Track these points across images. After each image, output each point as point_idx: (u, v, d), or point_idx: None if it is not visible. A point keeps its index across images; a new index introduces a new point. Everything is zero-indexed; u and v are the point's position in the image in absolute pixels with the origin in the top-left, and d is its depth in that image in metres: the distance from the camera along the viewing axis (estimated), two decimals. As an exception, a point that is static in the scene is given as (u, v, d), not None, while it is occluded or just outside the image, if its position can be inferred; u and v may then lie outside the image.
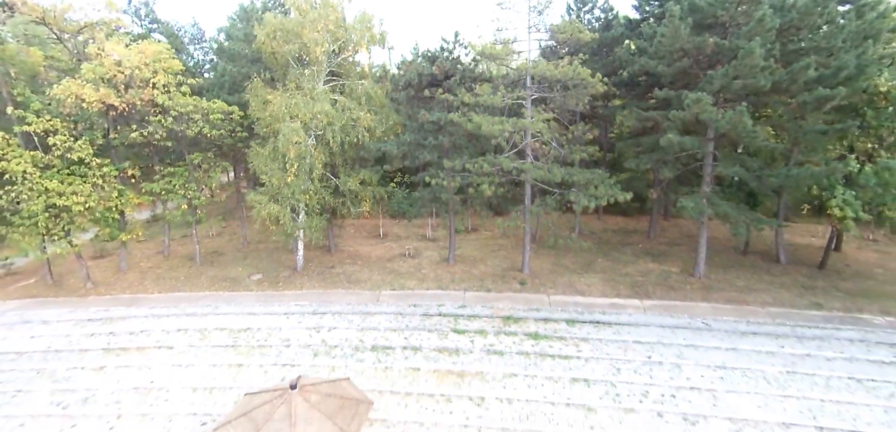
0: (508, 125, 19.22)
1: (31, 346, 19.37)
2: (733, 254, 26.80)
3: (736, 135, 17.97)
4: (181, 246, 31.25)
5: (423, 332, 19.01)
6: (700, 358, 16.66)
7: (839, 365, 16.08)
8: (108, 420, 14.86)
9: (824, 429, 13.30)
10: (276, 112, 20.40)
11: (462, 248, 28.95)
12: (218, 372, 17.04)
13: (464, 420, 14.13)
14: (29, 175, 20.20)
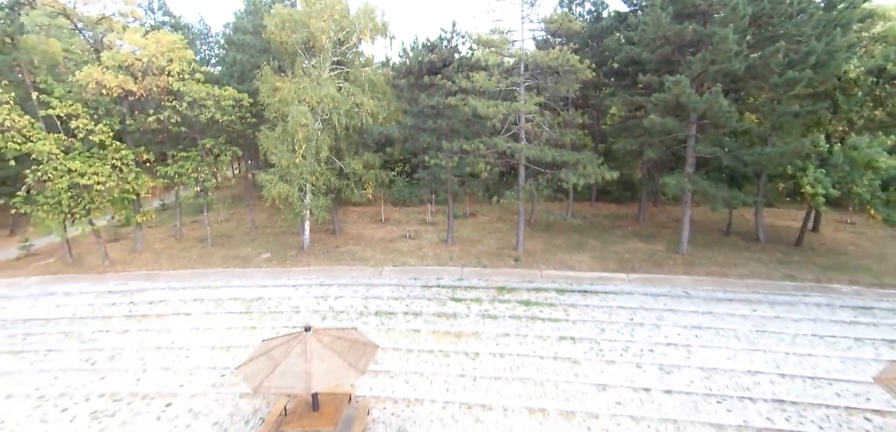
0: (502, 108, 20.66)
1: (57, 314, 20.79)
2: (717, 234, 28.24)
3: (712, 115, 19.39)
4: (191, 230, 32.63)
5: (423, 300, 20.43)
6: (678, 320, 18.10)
7: (805, 324, 17.53)
8: (135, 373, 16.28)
9: (786, 376, 14.73)
10: (285, 96, 21.81)
11: (460, 231, 30.35)
12: (233, 333, 18.46)
13: (460, 371, 15.56)
14: (54, 156, 21.57)
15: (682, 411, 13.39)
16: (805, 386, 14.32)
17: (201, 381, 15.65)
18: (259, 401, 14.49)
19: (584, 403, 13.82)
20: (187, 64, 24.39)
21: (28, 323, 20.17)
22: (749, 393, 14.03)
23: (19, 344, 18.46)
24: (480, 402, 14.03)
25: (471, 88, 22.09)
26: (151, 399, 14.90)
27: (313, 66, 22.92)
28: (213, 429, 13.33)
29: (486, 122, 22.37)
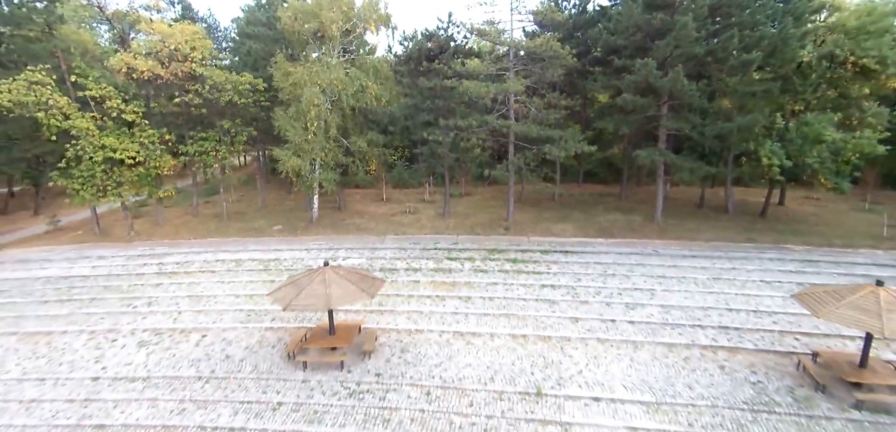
0: (493, 88, 23.17)
1: (95, 272, 23.25)
2: (691, 208, 30.78)
3: (677, 94, 21.88)
4: (206, 209, 35.06)
5: (422, 260, 22.94)
6: (645, 272, 20.64)
7: (756, 274, 20.08)
8: (172, 315, 18.77)
9: (733, 310, 17.29)
10: (298, 80, 24.28)
11: (455, 207, 32.83)
12: (254, 285, 20.95)
13: (454, 310, 18.08)
14: (90, 132, 24.00)
15: (641, 336, 15.92)
16: (748, 316, 16.87)
17: (230, 320, 18.14)
18: (282, 332, 16.99)
19: (559, 331, 16.34)
20: (208, 52, 26.83)
21: (70, 279, 22.64)
22: (699, 323, 16.57)
23: (66, 295, 20.93)
24: (471, 331, 16.54)
25: (465, 72, 24.60)
26: (189, 332, 17.38)
27: (323, 53, 25.40)
28: (244, 351, 15.82)
29: (477, 102, 24.84)
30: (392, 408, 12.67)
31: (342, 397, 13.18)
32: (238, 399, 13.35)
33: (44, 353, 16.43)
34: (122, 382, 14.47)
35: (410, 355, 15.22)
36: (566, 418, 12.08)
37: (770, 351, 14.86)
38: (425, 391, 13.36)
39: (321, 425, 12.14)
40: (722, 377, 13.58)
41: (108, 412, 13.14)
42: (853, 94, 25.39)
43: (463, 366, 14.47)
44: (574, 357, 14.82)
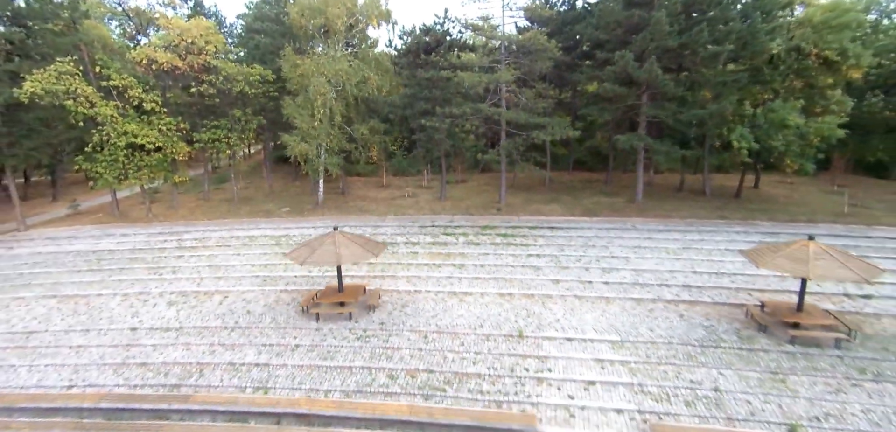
0: (485, 78, 25.23)
1: (120, 247, 25.29)
2: (671, 191, 32.87)
3: (652, 82, 23.95)
4: (217, 195, 37.07)
5: (420, 235, 25.02)
6: (623, 243, 22.74)
7: (722, 244, 22.19)
8: (194, 280, 20.83)
9: (697, 273, 19.39)
10: (306, 70, 26.29)
11: (451, 192, 34.87)
12: (267, 257, 23.02)
13: (449, 274, 20.18)
14: (114, 119, 26.01)
15: (613, 293, 18.03)
16: (709, 277, 18.98)
17: (248, 284, 20.22)
18: (296, 294, 19.09)
19: (542, 290, 18.44)
20: (221, 45, 28.83)
21: (98, 252, 24.69)
22: (666, 283, 18.68)
23: (96, 266, 22.99)
24: (464, 291, 18.65)
25: (460, 64, 26.63)
26: (211, 294, 19.46)
27: (328, 47, 27.43)
28: (263, 308, 17.91)
29: (471, 92, 26.90)
30: (394, 348, 14.76)
31: (351, 340, 15.27)
32: (261, 342, 15.44)
33: (84, 311, 18.50)
34: (158, 332, 16.54)
35: (410, 309, 17.32)
36: (543, 353, 14.19)
37: (725, 303, 16.99)
38: (423, 335, 15.46)
39: (334, 361, 14.22)
40: (680, 323, 15.71)
41: (148, 354, 15.22)
42: (819, 84, 27.48)
43: (456, 317, 16.58)
44: (553, 310, 16.93)
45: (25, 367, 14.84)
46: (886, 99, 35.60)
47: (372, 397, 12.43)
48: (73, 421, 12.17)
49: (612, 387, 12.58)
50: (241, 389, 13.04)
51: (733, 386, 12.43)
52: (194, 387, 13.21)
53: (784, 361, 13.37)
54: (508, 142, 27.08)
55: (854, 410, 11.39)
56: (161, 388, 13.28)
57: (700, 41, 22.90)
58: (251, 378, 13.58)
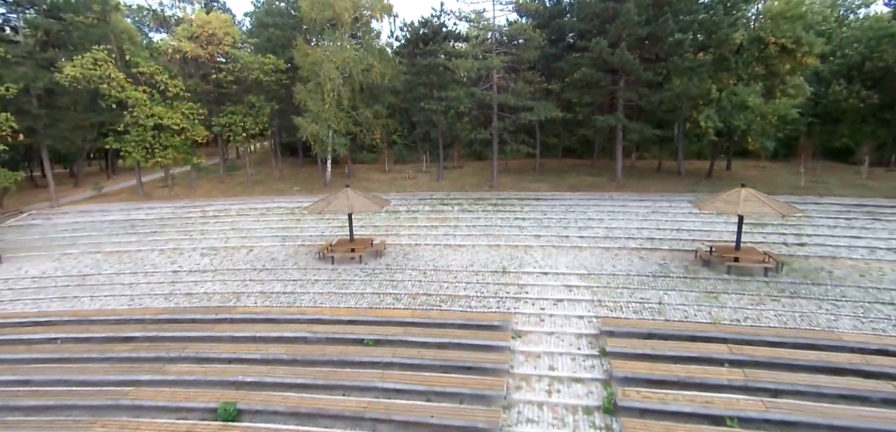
0: (477, 64, 28.18)
1: (150, 217, 28.10)
2: (650, 172, 35.78)
3: (623, 67, 26.89)
4: (230, 179, 39.88)
5: (420, 205, 27.86)
6: (599, 209, 25.62)
7: (686, 210, 25.04)
8: (222, 239, 23.67)
9: (661, 229, 22.29)
10: (316, 59, 29.20)
11: (448, 175, 37.73)
12: (284, 223, 25.86)
13: (445, 232, 23.05)
14: (143, 102, 28.85)
15: (586, 244, 20.91)
16: (671, 233, 21.88)
17: (269, 241, 23.08)
18: (312, 247, 21.95)
19: (525, 242, 21.33)
20: (238, 37, 31.72)
21: (130, 221, 27.50)
22: (632, 236, 21.58)
23: (131, 231, 25.82)
24: (457, 244, 21.53)
25: (455, 53, 29.53)
26: (238, 248, 22.32)
27: (336, 38, 30.35)
28: (285, 256, 20.77)
29: (464, 77, 29.81)
30: (398, 281, 17.63)
31: (361, 277, 18.13)
32: (286, 278, 18.31)
33: (128, 261, 21.35)
34: (196, 273, 19.40)
35: (411, 256, 20.20)
36: (522, 282, 17.07)
37: (680, 250, 19.91)
38: (422, 272, 18.33)
39: (348, 290, 17.08)
40: (639, 262, 18.61)
41: (191, 287, 18.07)
42: (779, 71, 30.44)
43: (450, 260, 19.46)
44: (533, 255, 19.82)
45: (87, 298, 17.69)
46: (849, 87, 38.63)
47: (381, 310, 15.30)
48: (139, 326, 15.01)
49: (576, 303, 15.46)
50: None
51: (675, 301, 15.32)
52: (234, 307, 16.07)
53: (719, 285, 16.28)
54: (499, 124, 29.98)
55: (768, 316, 14.25)
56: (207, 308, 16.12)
57: (666, 30, 25.84)
58: (280, 301, 16.43)
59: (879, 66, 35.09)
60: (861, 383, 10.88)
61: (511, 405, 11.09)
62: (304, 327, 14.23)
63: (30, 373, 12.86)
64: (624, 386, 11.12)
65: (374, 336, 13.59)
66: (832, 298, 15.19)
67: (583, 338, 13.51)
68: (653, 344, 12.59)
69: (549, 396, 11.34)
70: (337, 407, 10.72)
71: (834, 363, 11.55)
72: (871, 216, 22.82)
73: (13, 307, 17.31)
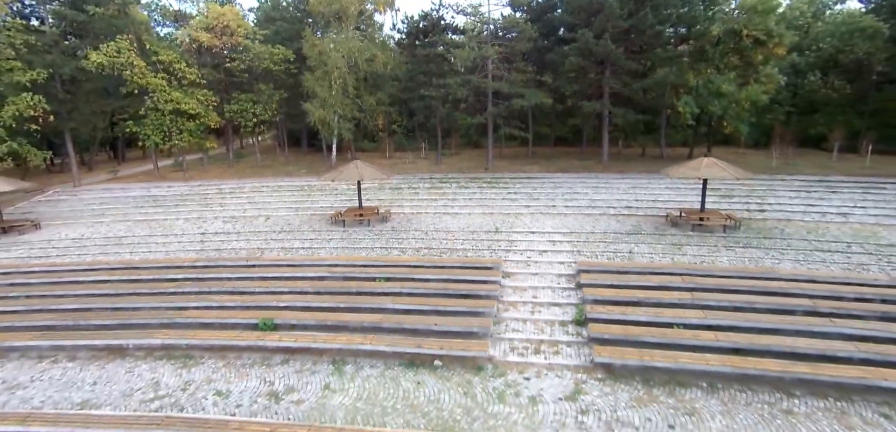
0: (472, 53, 30.55)
1: (169, 193, 30.28)
2: (635, 157, 38.23)
3: (607, 56, 29.30)
4: (239, 164, 42.10)
5: (420, 184, 30.15)
6: (585, 185, 28.00)
7: (664, 185, 27.47)
8: (240, 210, 25.91)
9: (639, 200, 24.68)
10: (324, 49, 31.51)
11: (446, 161, 40.01)
12: (295, 198, 28.11)
13: (444, 203, 25.39)
14: (163, 88, 31.03)
15: (570, 211, 23.29)
16: (648, 203, 24.27)
17: (285, 211, 25.37)
18: (324, 215, 24.23)
19: (515, 211, 23.69)
20: (249, 30, 33.95)
21: (152, 196, 29.67)
22: (613, 206, 23.97)
23: (154, 204, 28.01)
24: (455, 211, 23.88)
25: (453, 43, 31.86)
26: (256, 217, 24.58)
27: (342, 29, 32.63)
28: (300, 221, 23.05)
29: (461, 67, 32.17)
30: (402, 239, 19.95)
31: (370, 236, 20.44)
32: (303, 237, 20.62)
33: (157, 227, 23.60)
34: (221, 234, 21.68)
35: (414, 221, 22.54)
36: (512, 239, 19.43)
37: (653, 215, 22.31)
38: (424, 232, 20.66)
39: (358, 245, 19.38)
40: (616, 224, 21.02)
41: (219, 246, 20.33)
42: (753, 60, 32.90)
43: (449, 224, 21.82)
44: (523, 219, 22.20)
45: (127, 253, 19.95)
46: (824, 79, 41.25)
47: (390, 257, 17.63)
48: (180, 271, 17.28)
49: (558, 253, 17.83)
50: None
51: (643, 250, 17.71)
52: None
53: (683, 240, 18.69)
54: (494, 110, 32.35)
55: (721, 260, 16.65)
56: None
57: (646, 22, 28.26)
58: (300, 253, 18.73)
59: (852, 58, 37.65)
60: (788, 300, 13.28)
61: (500, 320, 13.44)
62: (325, 270, 16.55)
63: (92, 303, 15.10)
64: (593, 304, 13.47)
65: (386, 275, 15.92)
66: (779, 248, 17.62)
67: (562, 277, 15.87)
68: (619, 278, 14.98)
69: (532, 314, 13.70)
70: (357, 321, 13.04)
71: (768, 288, 13.96)
72: (829, 189, 25.27)
73: (61, 260, 19.52)
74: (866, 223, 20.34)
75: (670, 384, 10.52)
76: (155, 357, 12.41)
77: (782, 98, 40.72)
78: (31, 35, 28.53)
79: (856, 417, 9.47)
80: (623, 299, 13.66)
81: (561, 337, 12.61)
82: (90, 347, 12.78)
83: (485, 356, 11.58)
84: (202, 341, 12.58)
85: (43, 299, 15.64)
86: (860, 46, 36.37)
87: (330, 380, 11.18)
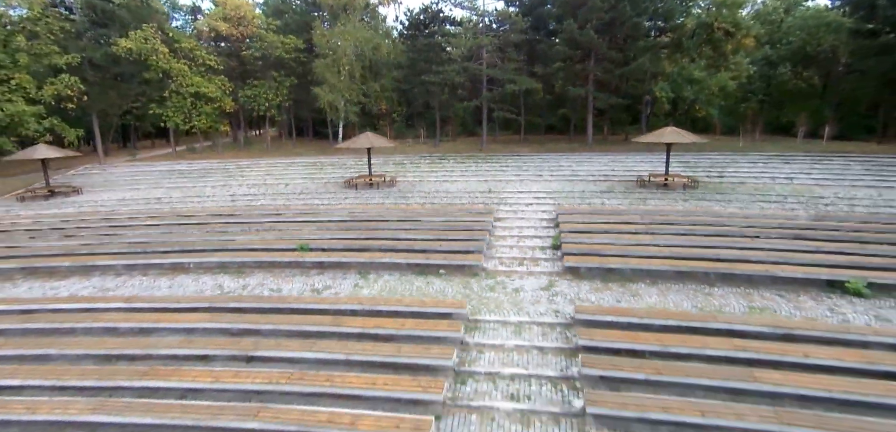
0: (468, 41, 33.69)
1: (193, 169, 33.16)
2: (619, 141, 41.51)
3: (590, 45, 32.55)
4: (249, 149, 44.99)
5: (421, 160, 33.23)
6: (570, 160, 31.18)
7: (640, 158, 30.70)
8: (260, 179, 28.86)
9: (614, 170, 27.87)
10: (333, 38, 34.56)
11: (443, 146, 43.18)
12: (308, 170, 31.10)
13: (443, 174, 28.50)
14: (184, 73, 33.95)
15: (555, 178, 26.44)
16: (623, 171, 27.47)
17: (301, 180, 28.36)
18: (337, 183, 27.24)
19: (506, 179, 26.83)
20: (262, 20, 36.94)
21: (177, 170, 32.54)
22: (592, 174, 27.15)
23: (180, 176, 30.88)
24: (453, 180, 26.98)
25: (450, 34, 35.00)
26: (276, 184, 27.57)
27: (349, 20, 35.71)
28: (316, 186, 26.06)
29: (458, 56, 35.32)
30: (409, 198, 23.03)
31: (379, 196, 23.50)
32: (321, 197, 23.64)
33: (189, 192, 26.53)
34: (248, 196, 24.68)
35: (417, 186, 25.64)
36: (503, 196, 22.55)
37: (625, 180, 25.53)
38: (426, 193, 23.76)
39: (371, 202, 22.43)
40: (592, 186, 24.20)
41: (248, 203, 23.32)
42: (724, 50, 36.30)
43: (448, 187, 24.95)
44: (513, 184, 25.34)
45: (168, 208, 22.89)
46: (794, 70, 44.68)
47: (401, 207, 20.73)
48: (221, 218, 20.27)
49: (541, 205, 20.98)
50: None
51: (613, 202, 20.91)
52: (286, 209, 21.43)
53: (648, 195, 21.90)
54: (487, 94, 35.52)
55: (676, 208, 19.85)
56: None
57: (625, 14, 31.53)
58: (321, 207, 21.77)
59: (818, 50, 41.07)
60: (723, 228, 16.48)
61: (492, 246, 16.55)
62: (345, 215, 19.61)
63: (151, 238, 18.04)
64: (566, 234, 16.61)
65: (397, 218, 19.00)
66: (727, 199, 20.89)
67: (543, 220, 19.00)
68: (590, 218, 18.15)
69: (518, 243, 16.82)
70: (376, 244, 16.12)
71: (709, 222, 17.16)
72: (783, 161, 28.55)
73: (112, 213, 22.43)
74: (807, 184, 23.65)
75: (622, 279, 13.65)
76: (213, 271, 15.40)
77: (756, 88, 44.19)
78: (65, 22, 31.37)
79: (758, 297, 12.63)
80: (591, 230, 16.81)
81: (540, 256, 15.73)
82: (158, 265, 15.73)
83: (479, 265, 14.66)
84: (251, 259, 15.60)
85: (108, 237, 18.58)
86: (826, 39, 39.65)
87: (358, 281, 14.23)
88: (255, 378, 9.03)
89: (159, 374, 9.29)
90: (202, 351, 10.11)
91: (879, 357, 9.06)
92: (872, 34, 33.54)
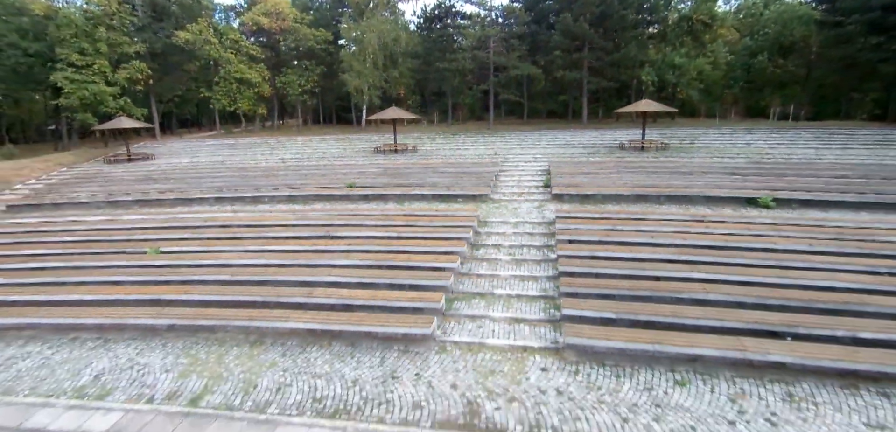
0: (478, 31, 38.58)
1: (240, 143, 38.27)
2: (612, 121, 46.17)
3: (583, 35, 37.28)
4: (281, 132, 50.18)
5: (436, 136, 38.20)
6: (565, 134, 35.98)
7: (626, 132, 35.42)
8: (299, 150, 33.97)
9: (603, 140, 32.66)
10: (359, 31, 39.60)
11: (455, 127, 48.15)
12: (340, 144, 36.17)
13: (456, 146, 33.45)
14: (231, 61, 39.15)
15: (551, 146, 31.29)
16: (606, 141, 32.22)
17: (333, 153, 33.41)
18: (367, 151, 32.32)
19: (510, 147, 31.72)
20: (296, 16, 42.14)
21: (227, 144, 37.73)
22: (584, 144, 31.94)
23: (231, 149, 36.07)
24: (465, 149, 31.94)
25: (461, 26, 39.90)
26: (314, 153, 32.64)
27: (374, 15, 40.76)
28: (349, 153, 31.14)
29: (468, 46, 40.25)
30: (429, 159, 27.99)
31: (404, 158, 28.51)
32: (355, 160, 28.70)
33: (245, 157, 31.71)
34: (295, 159, 29.78)
35: (435, 153, 30.63)
36: (506, 158, 27.47)
37: (611, 146, 30.35)
38: (444, 157, 28.73)
39: (397, 162, 27.42)
40: (582, 151, 29.06)
41: (297, 164, 28.41)
42: (702, 39, 40.86)
43: (462, 153, 29.89)
44: (515, 151, 30.24)
45: (233, 166, 28.05)
46: (770, 59, 48.97)
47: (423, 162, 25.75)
48: (275, 169, 25.38)
49: (538, 163, 25.88)
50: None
51: (597, 161, 25.75)
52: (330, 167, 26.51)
53: (627, 155, 26.71)
54: (494, 79, 40.42)
55: (653, 162, 24.63)
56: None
57: (613, 8, 36.27)
58: (356, 171, 26.82)
59: (791, 40, 45.39)
60: (681, 170, 21.29)
61: (497, 186, 21.50)
62: (379, 169, 24.66)
63: (226, 182, 23.14)
64: (556, 176, 21.52)
65: (421, 168, 24.00)
66: (690, 157, 25.64)
67: (538, 171, 23.92)
68: (575, 168, 23.04)
69: (517, 184, 21.77)
70: (401, 189, 21.12)
71: (670, 167, 21.97)
72: (748, 132, 33.16)
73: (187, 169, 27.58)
74: (761, 148, 28.31)
75: (594, 201, 18.54)
76: (282, 202, 20.52)
77: (738, 75, 48.62)
78: (133, 16, 36.69)
79: (693, 209, 17.48)
80: (575, 174, 21.71)
81: (534, 191, 20.67)
82: (239, 198, 20.86)
83: (488, 195, 19.63)
84: (312, 192, 20.69)
85: (193, 182, 23.76)
86: (798, 30, 43.99)
87: (396, 206, 19.28)
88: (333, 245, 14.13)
89: (270, 243, 14.39)
90: (300, 233, 15.22)
91: (760, 228, 13.95)
92: (837, 25, 37.96)
